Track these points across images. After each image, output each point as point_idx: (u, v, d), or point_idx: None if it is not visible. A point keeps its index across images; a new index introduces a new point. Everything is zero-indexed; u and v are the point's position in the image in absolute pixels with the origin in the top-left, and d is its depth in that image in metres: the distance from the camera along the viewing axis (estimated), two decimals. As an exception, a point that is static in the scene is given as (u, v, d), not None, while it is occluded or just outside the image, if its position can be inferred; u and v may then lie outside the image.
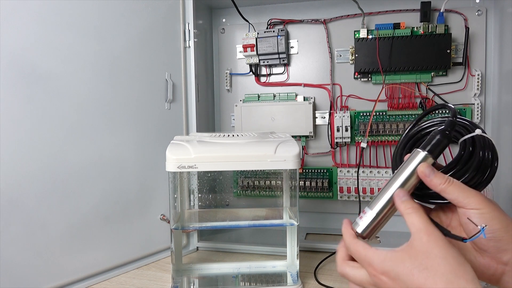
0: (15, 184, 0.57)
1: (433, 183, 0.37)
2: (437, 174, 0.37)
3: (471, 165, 0.38)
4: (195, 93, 0.82)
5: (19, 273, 0.58)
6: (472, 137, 0.39)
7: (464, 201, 0.36)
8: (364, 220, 0.40)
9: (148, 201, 0.76)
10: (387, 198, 0.39)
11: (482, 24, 0.82)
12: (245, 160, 0.59)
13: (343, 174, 0.87)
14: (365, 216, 0.40)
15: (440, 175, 0.37)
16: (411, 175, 0.39)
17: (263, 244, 0.80)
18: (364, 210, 0.41)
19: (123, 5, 0.70)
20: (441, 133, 0.39)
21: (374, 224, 0.40)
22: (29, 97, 0.59)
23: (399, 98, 0.85)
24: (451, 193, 0.37)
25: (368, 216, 0.40)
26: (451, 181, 0.37)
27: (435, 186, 0.37)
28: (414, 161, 0.39)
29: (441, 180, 0.37)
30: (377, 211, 0.40)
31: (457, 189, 0.36)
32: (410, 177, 0.39)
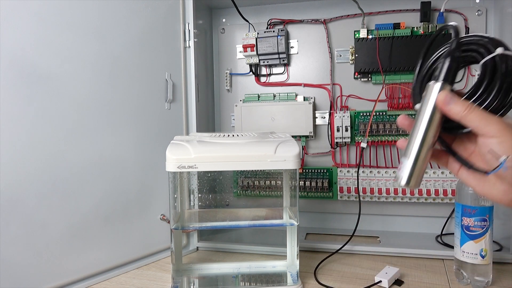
0: (15, 184, 0.57)
1: (453, 111, 0.36)
2: (457, 102, 0.36)
3: (493, 88, 0.36)
4: (195, 93, 0.82)
5: (19, 273, 0.58)
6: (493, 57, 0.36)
7: (485, 129, 0.35)
8: (404, 171, 0.38)
9: (148, 201, 0.76)
10: (420, 138, 0.37)
11: (482, 24, 0.82)
12: (245, 160, 0.59)
13: (343, 174, 0.87)
14: (403, 166, 0.38)
15: (460, 103, 0.36)
16: (434, 110, 0.37)
17: (263, 244, 0.80)
18: (400, 161, 0.39)
19: (123, 5, 0.71)
20: (450, 57, 0.37)
21: (416, 170, 0.37)
22: (29, 97, 0.59)
23: (399, 98, 0.85)
24: (471, 121, 0.35)
25: (408, 165, 0.37)
26: (471, 109, 0.35)
27: (455, 114, 0.36)
28: (432, 94, 0.37)
29: (461, 107, 0.35)
30: (414, 155, 0.37)
31: (477, 117, 0.35)
32: (434, 113, 0.37)
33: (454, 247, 0.65)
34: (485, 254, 0.61)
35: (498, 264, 0.70)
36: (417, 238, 0.84)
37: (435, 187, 0.81)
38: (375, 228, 0.90)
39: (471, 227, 0.62)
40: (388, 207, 0.88)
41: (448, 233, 0.84)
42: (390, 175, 0.84)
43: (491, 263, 0.63)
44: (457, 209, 0.65)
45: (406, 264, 0.73)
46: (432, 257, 0.75)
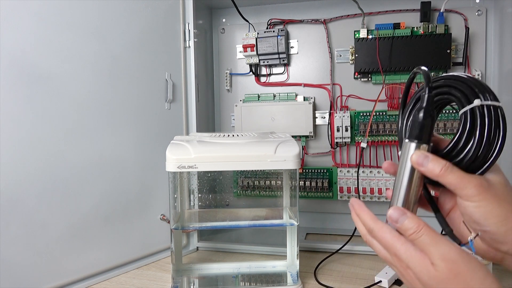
0: (15, 184, 0.57)
1: (429, 172, 0.34)
2: (433, 160, 0.34)
3: (473, 142, 0.34)
4: (195, 93, 0.82)
5: (19, 273, 0.58)
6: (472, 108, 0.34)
7: (461, 192, 0.34)
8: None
9: (148, 201, 0.76)
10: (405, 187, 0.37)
11: (482, 24, 0.82)
12: (245, 160, 0.59)
13: (343, 174, 0.87)
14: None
15: (436, 162, 0.34)
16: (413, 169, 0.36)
17: (263, 244, 0.80)
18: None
19: (123, 5, 0.71)
20: (423, 113, 0.35)
21: None
22: (29, 97, 0.59)
23: (399, 98, 0.85)
24: (449, 182, 0.34)
25: None
26: (448, 169, 0.34)
27: (431, 174, 0.34)
28: (408, 154, 0.36)
29: (438, 167, 0.34)
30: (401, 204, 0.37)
31: (454, 178, 0.34)
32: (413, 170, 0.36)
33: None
34: (485, 254, 0.61)
35: (498, 264, 0.69)
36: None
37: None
38: (375, 228, 0.90)
39: (471, 227, 0.62)
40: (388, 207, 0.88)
41: (448, 233, 0.84)
42: (390, 175, 0.84)
43: (491, 263, 0.63)
44: (457, 209, 0.65)
45: (406, 264, 0.73)
46: (432, 257, 0.75)
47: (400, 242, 0.34)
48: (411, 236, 0.34)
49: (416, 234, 0.33)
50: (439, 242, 0.33)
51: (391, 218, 0.35)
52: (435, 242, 0.33)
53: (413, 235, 0.33)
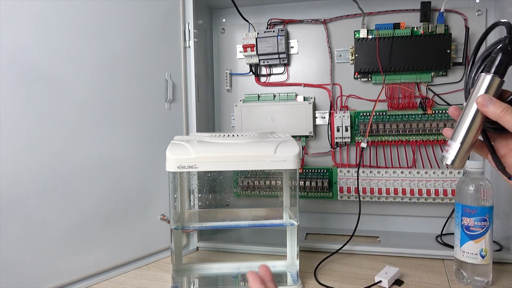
0: (15, 184, 0.57)
1: (490, 112, 0.38)
2: (495, 103, 0.38)
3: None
4: (195, 93, 0.82)
5: (19, 273, 0.58)
6: None
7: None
8: (451, 152, 0.41)
9: (148, 201, 0.76)
10: (467, 124, 0.40)
11: (482, 24, 0.81)
12: (245, 160, 0.59)
13: (343, 174, 0.87)
14: (450, 148, 0.41)
15: (497, 105, 0.38)
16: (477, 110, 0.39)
17: (263, 244, 0.80)
18: (448, 143, 0.42)
19: (123, 5, 0.71)
20: (502, 51, 0.39)
21: (462, 152, 0.41)
22: (29, 97, 0.59)
23: (399, 98, 0.85)
24: (507, 122, 0.37)
25: (454, 147, 0.41)
26: (508, 110, 0.37)
27: (492, 115, 0.38)
28: (482, 86, 0.39)
29: (499, 109, 0.37)
30: (461, 138, 0.40)
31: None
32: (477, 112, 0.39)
33: (454, 247, 0.65)
34: (485, 254, 0.61)
35: (498, 264, 0.69)
36: (417, 238, 0.84)
37: (435, 187, 0.81)
38: (375, 228, 0.90)
39: (471, 227, 0.62)
40: (388, 207, 0.88)
41: (448, 233, 0.84)
42: (390, 175, 0.84)
43: (491, 263, 0.63)
44: (457, 209, 0.65)
45: (406, 264, 0.73)
46: (432, 257, 0.75)
47: None
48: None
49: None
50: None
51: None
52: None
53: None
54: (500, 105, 0.38)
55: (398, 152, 0.86)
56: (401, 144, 0.86)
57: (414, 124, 0.84)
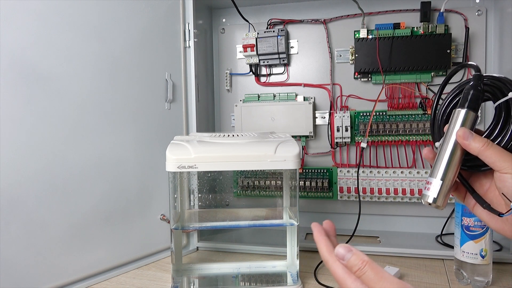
0: (15, 184, 0.57)
1: (472, 146, 0.38)
2: (476, 137, 0.38)
3: (508, 128, 0.38)
4: (195, 93, 0.82)
5: (19, 273, 0.58)
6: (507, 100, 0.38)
7: (500, 165, 0.36)
8: (432, 190, 0.40)
9: (148, 201, 0.76)
10: (447, 158, 0.39)
11: (482, 24, 0.81)
12: (245, 160, 0.59)
13: (343, 174, 0.87)
14: (431, 186, 0.40)
15: (478, 138, 0.38)
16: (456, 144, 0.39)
17: (263, 244, 0.80)
18: (427, 180, 0.41)
19: (123, 5, 0.71)
20: (473, 88, 0.39)
21: (444, 189, 0.39)
22: (29, 97, 0.59)
23: (399, 98, 0.85)
24: (489, 156, 0.37)
25: (436, 184, 0.40)
26: (489, 145, 0.37)
27: (474, 149, 0.38)
28: (458, 120, 0.39)
29: (480, 143, 0.37)
30: (441, 175, 0.39)
31: (494, 152, 0.37)
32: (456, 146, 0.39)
33: (454, 247, 0.65)
34: (485, 254, 0.61)
35: (498, 264, 0.69)
36: (417, 238, 0.84)
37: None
38: (375, 228, 0.90)
39: (471, 227, 0.62)
40: (388, 207, 0.88)
41: (448, 233, 0.84)
42: (390, 175, 0.84)
43: (491, 263, 0.63)
44: (457, 209, 0.65)
45: (406, 264, 0.73)
46: (432, 257, 0.75)
47: (350, 280, 0.36)
48: (356, 273, 0.35)
49: (360, 270, 0.34)
50: (382, 279, 0.34)
51: (338, 256, 0.36)
52: (378, 278, 0.34)
53: (358, 272, 0.35)
54: (480, 139, 0.37)
55: (398, 152, 0.86)
56: (401, 144, 0.86)
57: (414, 124, 0.84)
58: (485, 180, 0.41)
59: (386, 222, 0.90)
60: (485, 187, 0.41)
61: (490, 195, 0.40)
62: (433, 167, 0.40)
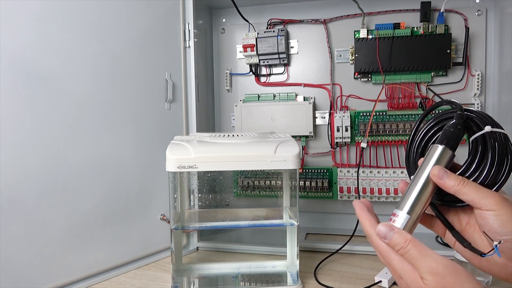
0: (15, 184, 0.57)
1: (447, 185, 0.37)
2: (451, 175, 0.37)
3: (485, 164, 0.37)
4: (195, 93, 0.82)
5: (19, 273, 0.58)
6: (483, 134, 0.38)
7: (480, 202, 0.35)
8: (397, 222, 0.39)
9: (148, 201, 0.76)
10: (416, 193, 0.39)
11: (482, 24, 0.82)
12: (245, 160, 0.58)
13: (343, 174, 0.87)
14: (397, 218, 0.39)
15: (454, 177, 0.37)
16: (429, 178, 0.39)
17: (263, 244, 0.80)
18: (394, 213, 0.40)
19: (123, 5, 0.71)
20: (454, 127, 0.38)
21: (409, 223, 0.39)
22: (29, 97, 0.59)
23: (399, 98, 0.85)
24: (466, 194, 0.36)
25: (401, 218, 0.39)
26: (465, 182, 0.36)
27: (449, 188, 0.37)
28: (434, 156, 0.39)
29: (455, 181, 0.36)
30: (408, 209, 0.39)
31: (472, 190, 0.36)
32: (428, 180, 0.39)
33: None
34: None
35: None
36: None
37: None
38: (375, 228, 0.90)
39: (471, 227, 0.62)
40: (388, 207, 0.88)
41: (448, 233, 0.84)
42: (390, 175, 0.84)
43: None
44: (457, 209, 0.65)
45: (406, 264, 0.73)
46: (432, 257, 0.75)
47: (394, 253, 0.36)
48: (399, 251, 0.35)
49: (403, 249, 0.35)
50: (426, 256, 0.34)
51: (379, 234, 0.37)
52: (422, 256, 0.34)
53: (401, 250, 0.35)
54: (455, 178, 0.37)
55: (398, 152, 0.86)
56: (401, 144, 0.86)
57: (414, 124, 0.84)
58: (463, 215, 0.40)
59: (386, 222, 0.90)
60: (463, 221, 0.40)
61: (470, 230, 0.39)
62: (402, 199, 0.39)
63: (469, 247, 0.37)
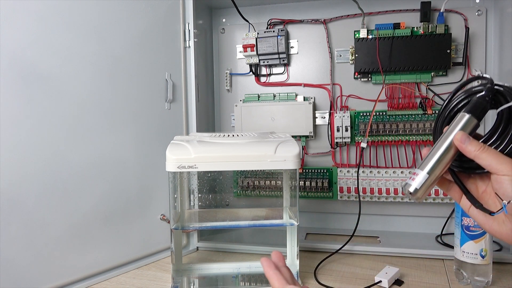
0: (15, 184, 0.57)
1: (468, 149, 0.38)
2: (472, 141, 0.39)
3: (507, 135, 0.39)
4: (195, 93, 0.82)
5: (19, 273, 0.58)
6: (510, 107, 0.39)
7: (497, 167, 0.37)
8: (416, 181, 0.41)
9: (148, 201, 0.76)
10: (438, 156, 0.40)
11: (482, 24, 0.81)
12: (245, 160, 0.59)
13: (343, 174, 0.87)
14: (417, 177, 0.41)
15: (475, 142, 0.38)
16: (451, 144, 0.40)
17: (263, 244, 0.80)
18: (415, 172, 0.41)
19: (123, 5, 0.71)
20: (482, 98, 0.40)
21: (427, 183, 0.40)
22: (29, 97, 0.59)
23: (399, 98, 0.85)
24: (484, 159, 0.38)
25: (420, 176, 0.41)
26: (485, 148, 0.38)
27: (469, 152, 0.38)
28: (460, 123, 0.40)
29: (476, 147, 0.38)
30: (429, 169, 0.40)
31: (490, 156, 0.38)
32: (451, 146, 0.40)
33: (454, 247, 0.65)
34: (485, 254, 0.61)
35: (498, 264, 0.69)
36: (417, 238, 0.84)
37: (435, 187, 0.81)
38: (375, 228, 0.90)
39: (471, 227, 0.62)
40: (388, 207, 0.88)
41: (448, 233, 0.84)
42: (390, 175, 0.84)
43: (491, 263, 0.63)
44: (457, 209, 0.65)
45: (406, 264, 0.73)
46: (432, 257, 0.75)
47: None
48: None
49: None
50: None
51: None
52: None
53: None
54: (476, 143, 0.39)
55: (398, 152, 0.86)
56: (401, 144, 0.86)
57: (414, 124, 0.84)
58: (481, 183, 0.42)
59: (386, 222, 0.90)
60: (480, 189, 0.42)
61: (485, 198, 0.41)
62: (423, 160, 0.41)
63: (480, 207, 0.39)
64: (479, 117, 0.40)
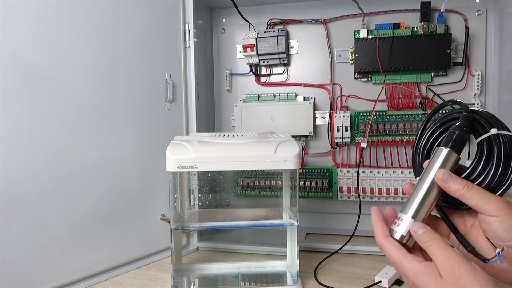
0: (15, 184, 0.57)
1: (452, 189, 0.37)
2: (455, 179, 0.37)
3: (491, 167, 0.37)
4: (195, 93, 0.82)
5: (19, 273, 0.58)
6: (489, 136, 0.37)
7: (484, 207, 0.35)
8: (402, 227, 0.39)
9: (148, 201, 0.76)
10: (421, 197, 0.39)
11: (482, 24, 0.82)
12: (245, 160, 0.58)
13: (343, 174, 0.87)
14: (402, 222, 0.39)
15: (458, 181, 0.37)
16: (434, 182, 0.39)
17: (263, 244, 0.80)
18: (399, 216, 0.40)
19: (123, 5, 0.71)
20: (459, 129, 0.38)
21: None
22: (29, 97, 0.59)
23: (399, 98, 0.85)
24: (470, 199, 0.36)
25: (406, 222, 0.39)
26: (469, 187, 0.36)
27: (453, 192, 0.37)
28: (439, 159, 0.39)
29: (460, 185, 0.36)
30: (412, 213, 0.39)
31: (476, 195, 0.36)
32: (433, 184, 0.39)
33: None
34: (485, 254, 0.61)
35: (498, 264, 0.69)
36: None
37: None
38: (375, 228, 0.90)
39: (471, 227, 0.62)
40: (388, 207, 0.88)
41: (448, 233, 0.84)
42: (390, 175, 0.84)
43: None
44: (457, 209, 0.65)
45: (406, 264, 0.73)
46: (432, 257, 0.75)
47: (407, 261, 0.36)
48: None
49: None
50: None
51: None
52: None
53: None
54: (460, 182, 0.37)
55: (398, 152, 0.86)
56: (401, 144, 0.86)
57: (414, 124, 0.84)
58: (469, 217, 0.40)
59: (386, 222, 0.90)
60: (468, 224, 0.40)
61: (474, 233, 0.39)
62: (406, 202, 0.40)
63: (472, 251, 0.37)
64: (458, 150, 0.38)
